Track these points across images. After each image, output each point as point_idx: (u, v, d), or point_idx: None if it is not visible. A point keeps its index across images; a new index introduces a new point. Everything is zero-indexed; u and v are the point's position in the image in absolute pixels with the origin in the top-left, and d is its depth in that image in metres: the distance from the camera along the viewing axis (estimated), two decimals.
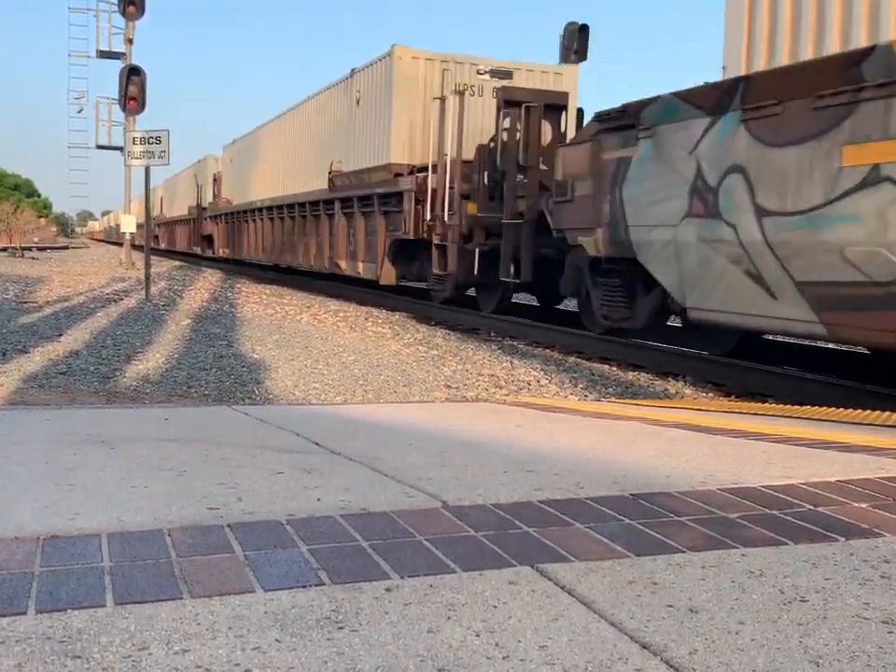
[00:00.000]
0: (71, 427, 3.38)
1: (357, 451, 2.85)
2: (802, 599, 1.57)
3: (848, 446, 3.07)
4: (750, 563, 1.76)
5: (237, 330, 9.88)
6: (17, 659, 1.25)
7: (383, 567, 1.68)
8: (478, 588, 1.59)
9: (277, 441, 3.08)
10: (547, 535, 1.90)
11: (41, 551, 1.71)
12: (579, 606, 1.52)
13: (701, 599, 1.56)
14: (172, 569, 1.63)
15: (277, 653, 1.30)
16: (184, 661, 1.26)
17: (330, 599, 1.51)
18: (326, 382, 6.65)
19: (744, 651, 1.35)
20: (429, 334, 10.66)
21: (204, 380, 6.58)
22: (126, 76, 21.00)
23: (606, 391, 6.83)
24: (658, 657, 1.32)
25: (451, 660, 1.29)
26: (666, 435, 3.36)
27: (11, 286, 15.34)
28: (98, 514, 1.96)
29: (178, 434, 3.22)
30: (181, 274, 22.97)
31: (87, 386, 6.11)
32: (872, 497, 2.29)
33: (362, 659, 1.29)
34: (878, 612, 1.52)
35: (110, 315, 11.03)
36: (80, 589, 1.52)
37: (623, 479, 2.43)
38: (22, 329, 9.17)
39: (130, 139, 13.42)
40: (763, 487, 2.35)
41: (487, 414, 4.17)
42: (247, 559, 1.69)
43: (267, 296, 15.90)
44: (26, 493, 2.15)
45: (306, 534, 1.86)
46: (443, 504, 2.13)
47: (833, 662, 1.32)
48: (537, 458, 2.75)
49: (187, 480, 2.34)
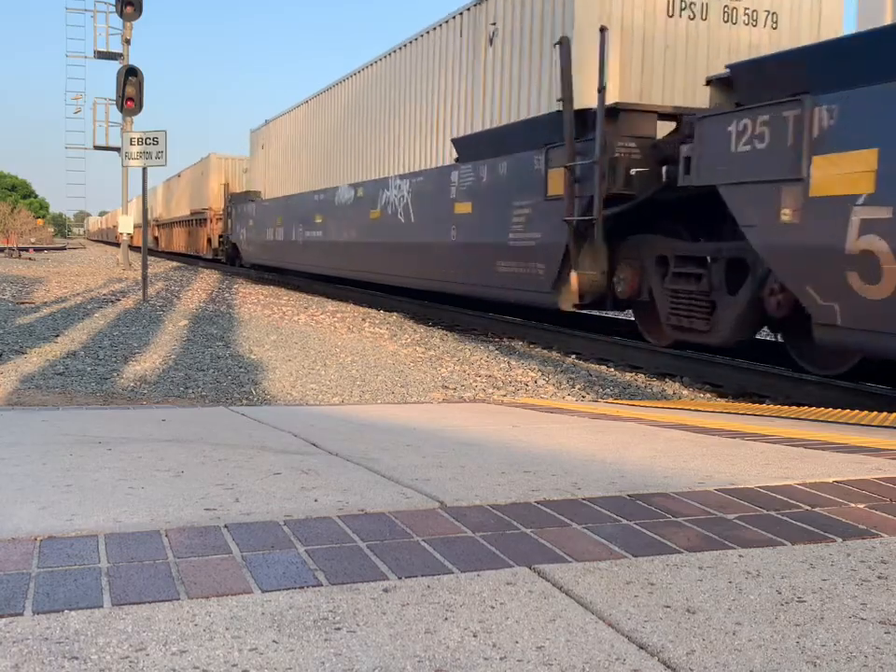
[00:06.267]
0: (68, 427, 3.38)
1: (355, 452, 2.85)
2: (799, 600, 1.57)
3: (846, 447, 3.07)
4: (748, 563, 1.77)
5: (234, 331, 9.87)
6: (14, 660, 1.25)
7: (380, 568, 1.67)
8: (475, 589, 1.59)
9: (275, 441, 3.08)
10: (544, 535, 1.90)
11: (38, 552, 1.71)
12: (576, 606, 1.52)
13: (698, 600, 1.56)
14: (169, 570, 1.63)
15: (275, 654, 1.30)
16: (181, 662, 1.26)
17: (328, 600, 1.51)
18: (323, 382, 6.65)
19: (741, 652, 1.35)
20: (427, 334, 10.66)
21: (202, 381, 6.58)
22: (123, 76, 20.98)
23: (603, 392, 6.83)
24: (655, 657, 1.32)
25: (448, 660, 1.29)
26: (664, 436, 3.37)
27: (8, 286, 15.32)
28: (95, 515, 1.96)
29: (175, 435, 3.21)
30: (178, 275, 22.96)
31: (84, 387, 6.10)
32: (869, 497, 2.30)
33: (360, 659, 1.29)
34: (876, 613, 1.52)
35: (107, 315, 11.02)
36: (77, 590, 1.52)
37: (621, 479, 2.43)
38: (19, 329, 9.16)
39: (127, 140, 13.42)
40: (760, 488, 2.35)
41: (485, 415, 4.17)
42: (245, 560, 1.69)
43: (265, 297, 15.90)
44: (23, 494, 2.15)
45: (304, 535, 1.86)
46: (441, 505, 2.13)
47: (831, 662, 1.32)
48: (534, 459, 2.76)
49: (184, 481, 2.34)
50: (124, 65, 22.25)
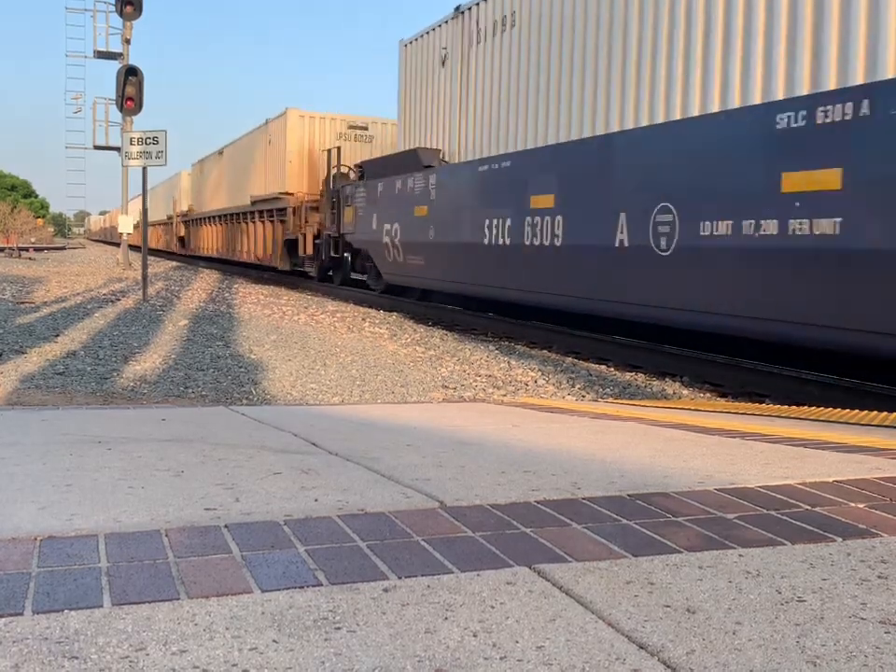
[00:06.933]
0: (68, 427, 3.38)
1: (355, 451, 2.85)
2: (799, 599, 1.57)
3: (846, 446, 3.07)
4: (748, 563, 1.77)
5: (234, 331, 9.87)
6: (14, 660, 1.25)
7: (380, 568, 1.67)
8: (475, 588, 1.59)
9: (275, 441, 3.08)
10: (544, 535, 1.90)
11: (38, 551, 1.71)
12: (576, 606, 1.52)
13: (698, 599, 1.56)
14: (169, 570, 1.63)
15: (275, 654, 1.30)
16: (181, 661, 1.26)
17: (328, 600, 1.51)
18: (323, 382, 6.65)
19: (741, 651, 1.35)
20: (427, 334, 10.66)
21: (202, 380, 6.58)
22: (123, 76, 20.97)
23: (603, 391, 6.83)
24: (655, 657, 1.32)
25: (448, 660, 1.29)
26: (664, 435, 3.37)
27: (8, 286, 15.32)
28: (95, 515, 1.96)
29: (175, 435, 3.21)
30: (178, 275, 22.96)
31: (84, 387, 6.10)
32: (869, 497, 2.30)
33: (360, 659, 1.29)
34: (876, 612, 1.52)
35: (107, 315, 11.02)
36: (77, 590, 1.52)
37: (621, 479, 2.43)
38: (20, 329, 9.16)
39: (127, 140, 13.41)
40: (760, 488, 2.35)
41: (485, 415, 4.17)
42: (245, 560, 1.69)
43: (265, 296, 15.90)
44: (23, 493, 2.15)
45: (304, 534, 1.86)
46: (441, 504, 2.13)
47: (831, 662, 1.32)
48: (534, 459, 2.76)
49: (184, 480, 2.34)
50: (124, 65, 22.23)
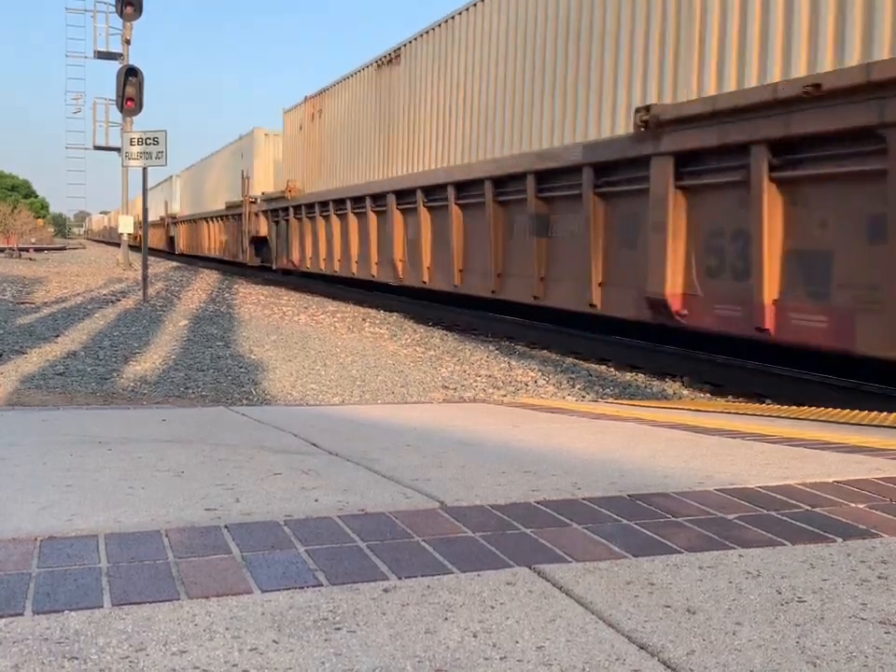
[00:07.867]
0: (68, 427, 3.38)
1: (355, 452, 2.85)
2: (799, 600, 1.57)
3: (846, 447, 3.07)
4: (748, 563, 1.77)
5: (235, 331, 9.87)
6: (14, 660, 1.25)
7: (380, 568, 1.67)
8: (475, 589, 1.59)
9: (275, 441, 3.08)
10: (544, 535, 1.90)
11: (38, 552, 1.71)
12: (576, 606, 1.52)
13: (698, 600, 1.56)
14: (169, 570, 1.63)
15: (275, 654, 1.30)
16: (181, 662, 1.26)
17: (328, 600, 1.51)
18: (323, 382, 6.65)
19: (741, 652, 1.35)
20: (427, 335, 10.66)
21: (202, 381, 6.58)
22: (123, 76, 20.97)
23: (603, 392, 6.83)
24: (655, 657, 1.32)
25: (448, 661, 1.29)
26: (664, 436, 3.37)
27: (9, 286, 15.32)
28: (95, 515, 1.96)
29: (176, 435, 3.21)
30: (178, 275, 22.95)
31: (84, 387, 6.10)
32: (869, 497, 2.30)
33: (360, 660, 1.29)
34: (876, 613, 1.52)
35: (108, 315, 11.02)
36: (78, 590, 1.52)
37: (621, 479, 2.43)
38: (20, 329, 9.16)
39: (127, 140, 13.42)
40: (760, 488, 2.35)
41: (485, 415, 4.17)
42: (245, 560, 1.69)
43: (265, 297, 15.90)
44: (23, 494, 2.15)
45: (304, 535, 1.86)
46: (441, 505, 2.13)
47: (831, 662, 1.32)
48: (534, 459, 2.76)
49: (184, 481, 2.34)
50: (124, 65, 22.24)
